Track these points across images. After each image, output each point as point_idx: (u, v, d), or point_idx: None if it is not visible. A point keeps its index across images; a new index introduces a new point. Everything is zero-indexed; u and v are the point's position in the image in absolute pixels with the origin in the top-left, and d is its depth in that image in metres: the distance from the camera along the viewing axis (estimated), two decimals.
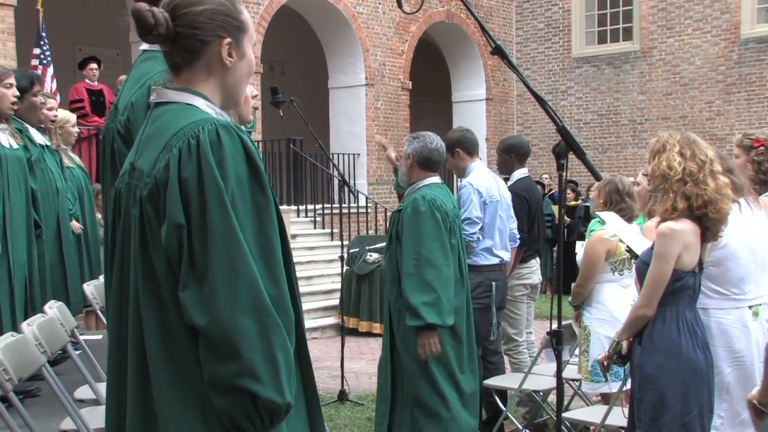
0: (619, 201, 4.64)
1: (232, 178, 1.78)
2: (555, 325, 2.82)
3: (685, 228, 3.35)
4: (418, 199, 4.21)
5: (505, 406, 5.25)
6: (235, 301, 1.73)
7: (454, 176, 10.19)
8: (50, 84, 9.58)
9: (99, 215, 6.84)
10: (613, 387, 4.32)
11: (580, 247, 4.97)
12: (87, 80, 10.55)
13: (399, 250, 4.21)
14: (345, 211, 12.21)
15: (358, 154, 14.81)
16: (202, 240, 1.75)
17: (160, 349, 1.81)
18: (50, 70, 9.67)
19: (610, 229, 4.55)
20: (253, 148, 1.85)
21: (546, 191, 13.58)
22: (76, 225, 6.06)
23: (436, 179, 4.39)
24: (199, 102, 1.92)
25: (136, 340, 1.85)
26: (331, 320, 10.22)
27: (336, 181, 11.68)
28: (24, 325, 3.55)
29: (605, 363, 3.67)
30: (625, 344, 3.53)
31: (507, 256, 5.38)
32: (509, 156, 5.91)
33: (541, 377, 5.16)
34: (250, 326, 1.74)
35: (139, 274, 1.84)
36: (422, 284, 4.04)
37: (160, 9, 1.88)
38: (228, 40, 1.93)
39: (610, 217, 4.61)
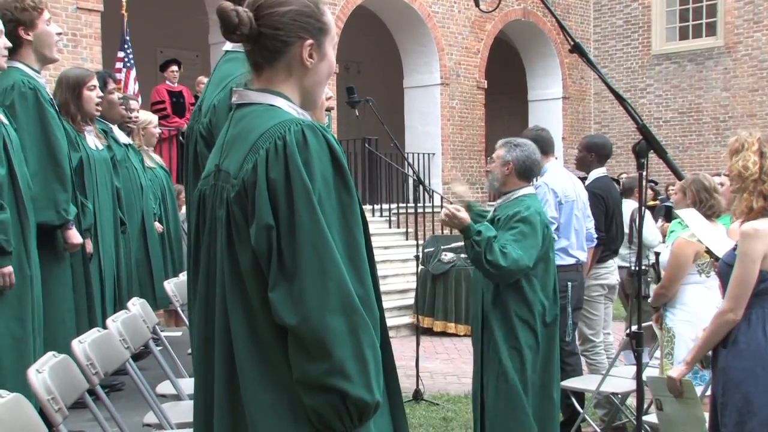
0: (708, 198, 4.52)
1: (318, 178, 1.80)
2: (635, 327, 2.76)
3: None
4: (521, 208, 4.08)
5: (582, 408, 5.18)
6: (325, 300, 1.74)
7: None
8: (133, 86, 9.84)
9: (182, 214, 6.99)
10: (697, 391, 4.21)
11: (663, 249, 4.85)
12: (168, 82, 10.82)
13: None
14: (420, 210, 12.24)
15: (433, 154, 14.79)
16: (291, 240, 1.76)
17: (248, 349, 1.82)
18: (133, 73, 9.93)
19: (691, 229, 4.44)
20: (337, 148, 1.86)
21: (623, 190, 13.30)
22: (157, 226, 6.22)
23: (531, 190, 4.28)
24: (280, 102, 1.93)
25: (224, 340, 1.87)
26: (406, 320, 10.23)
27: (411, 181, 11.68)
28: (109, 321, 3.65)
29: (679, 382, 3.57)
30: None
31: (583, 256, 5.30)
32: (590, 154, 5.82)
33: (620, 379, 5.07)
34: (339, 325, 1.74)
35: (226, 275, 1.86)
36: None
37: (245, 9, 1.90)
38: (310, 41, 1.94)
39: (691, 216, 4.49)
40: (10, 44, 3.84)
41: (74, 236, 4.22)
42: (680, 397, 3.59)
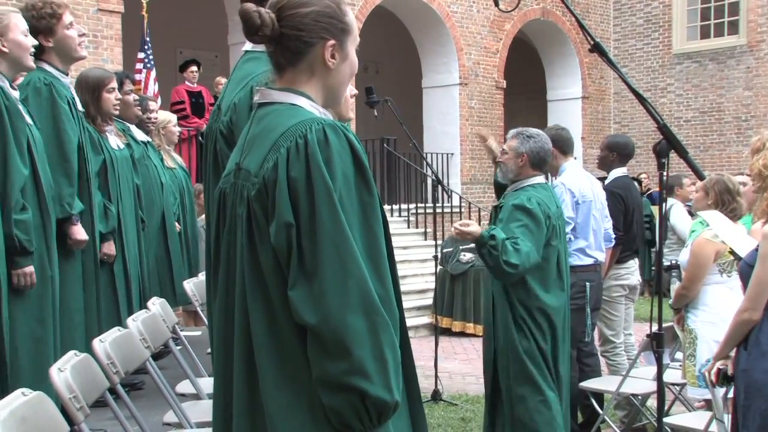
0: (730, 201, 4.48)
1: (339, 177, 1.80)
2: (655, 328, 2.74)
3: None
4: (523, 198, 4.18)
5: (601, 409, 5.15)
6: (345, 299, 1.74)
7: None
8: (153, 86, 9.89)
9: (202, 216, 7.02)
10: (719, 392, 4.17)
11: (683, 249, 4.82)
12: (187, 82, 10.87)
13: None
14: (439, 210, 12.22)
15: (452, 154, 14.77)
16: (312, 239, 1.76)
17: (268, 348, 1.82)
18: (153, 74, 9.99)
19: (714, 230, 4.40)
20: (358, 147, 1.86)
21: (643, 190, 13.24)
22: (176, 225, 6.23)
23: (541, 179, 4.35)
24: (302, 101, 1.94)
25: (243, 339, 1.88)
26: (425, 320, 10.23)
27: (430, 181, 11.68)
28: (129, 321, 3.68)
29: (707, 375, 3.57)
30: (730, 366, 3.41)
31: (602, 256, 5.27)
32: (611, 154, 5.81)
33: (640, 380, 5.04)
34: (359, 324, 1.74)
35: (246, 274, 1.86)
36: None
37: (267, 10, 1.91)
38: (332, 42, 1.94)
39: (714, 217, 4.45)
40: (36, 42, 3.86)
41: (79, 232, 4.20)
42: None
